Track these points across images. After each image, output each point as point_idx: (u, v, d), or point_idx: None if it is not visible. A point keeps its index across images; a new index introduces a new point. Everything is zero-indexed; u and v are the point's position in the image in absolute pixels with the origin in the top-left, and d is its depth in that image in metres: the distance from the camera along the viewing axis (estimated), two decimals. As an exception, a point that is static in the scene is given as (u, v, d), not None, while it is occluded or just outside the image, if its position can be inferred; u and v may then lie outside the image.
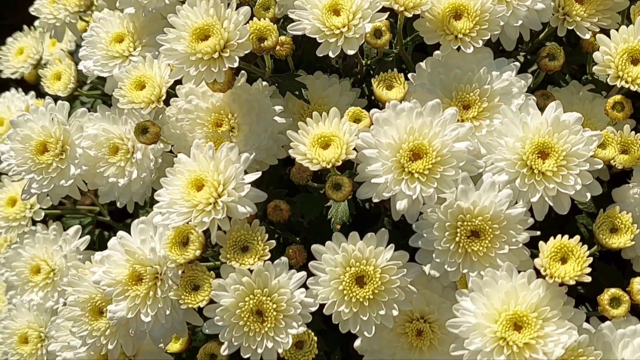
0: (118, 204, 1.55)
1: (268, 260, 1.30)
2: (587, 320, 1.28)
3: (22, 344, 1.66)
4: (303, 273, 1.30)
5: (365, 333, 1.29)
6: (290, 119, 1.47)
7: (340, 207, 1.45)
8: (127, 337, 1.34)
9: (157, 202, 1.33)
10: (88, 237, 1.73)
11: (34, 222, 1.77)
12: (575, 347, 1.21)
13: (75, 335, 1.38)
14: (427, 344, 1.35)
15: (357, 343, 1.40)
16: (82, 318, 1.37)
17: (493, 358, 1.20)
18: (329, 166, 1.30)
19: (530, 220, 1.29)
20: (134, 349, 1.39)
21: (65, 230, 1.73)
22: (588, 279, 1.22)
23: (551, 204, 1.29)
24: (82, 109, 1.57)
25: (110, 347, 1.34)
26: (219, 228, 1.30)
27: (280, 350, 1.28)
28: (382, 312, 1.28)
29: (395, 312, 1.29)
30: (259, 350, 1.28)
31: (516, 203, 1.29)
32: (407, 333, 1.36)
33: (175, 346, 1.51)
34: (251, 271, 1.29)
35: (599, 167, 1.30)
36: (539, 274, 1.25)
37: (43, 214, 1.76)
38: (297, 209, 1.51)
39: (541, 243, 1.25)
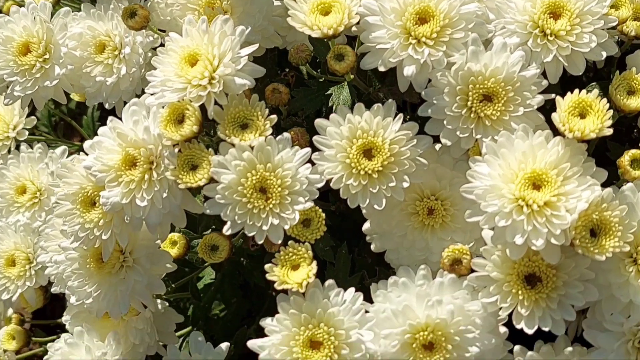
0: (107, 106, 1.47)
1: (270, 135, 1.22)
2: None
3: (9, 267, 1.57)
4: (308, 149, 1.23)
5: (376, 206, 1.22)
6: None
7: (342, 93, 1.38)
8: (121, 226, 1.26)
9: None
10: (76, 155, 1.64)
11: (18, 145, 1.68)
12: (599, 202, 1.14)
13: (67, 232, 1.30)
14: (440, 222, 1.28)
15: (365, 226, 1.33)
16: (73, 211, 1.28)
17: (512, 218, 1.14)
18: (330, 32, 1.23)
19: (544, 83, 1.23)
20: (130, 243, 1.30)
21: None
22: (609, 131, 1.16)
23: (565, 64, 1.23)
24: (65, 8, 1.49)
25: (104, 237, 1.25)
26: (216, 103, 1.23)
27: (286, 227, 1.20)
28: (392, 184, 1.21)
29: (405, 184, 1.22)
30: (264, 227, 1.20)
31: (529, 66, 1.23)
32: (418, 212, 1.29)
33: (172, 251, 1.43)
34: (252, 148, 1.22)
35: (614, 24, 1.24)
36: (556, 134, 1.18)
37: (27, 133, 1.68)
38: (297, 104, 1.45)
39: (558, 98, 1.18)
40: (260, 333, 1.68)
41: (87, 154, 1.28)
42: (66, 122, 1.96)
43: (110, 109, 1.80)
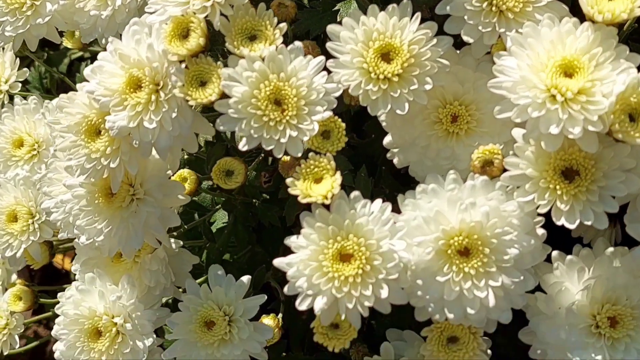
0: (102, 42, 1.40)
1: (281, 44, 1.16)
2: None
3: (11, 223, 1.50)
4: (321, 57, 1.16)
5: (398, 111, 1.15)
6: None
7: (350, 7, 1.32)
8: (130, 153, 1.19)
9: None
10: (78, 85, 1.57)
11: (11, 98, 1.61)
12: (636, 85, 1.08)
13: (72, 167, 1.22)
14: (465, 128, 1.22)
15: (387, 139, 1.26)
16: (77, 143, 1.21)
17: (546, 108, 1.07)
18: None
19: (567, -29, 1.16)
20: (140, 174, 1.23)
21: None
22: (640, 11, 1.10)
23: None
24: (51, -57, 1.42)
25: (112, 165, 1.18)
26: (222, 14, 1.16)
27: (305, 139, 1.13)
28: (414, 87, 1.15)
29: (428, 87, 1.15)
30: (282, 140, 1.13)
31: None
32: (441, 120, 1.23)
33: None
34: (263, 59, 1.15)
35: None
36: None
37: (19, 86, 1.61)
38: (302, 26, 1.38)
39: (583, -16, 1.12)
40: (278, 277, 1.62)
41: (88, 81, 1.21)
42: (59, 82, 1.89)
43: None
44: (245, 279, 1.30)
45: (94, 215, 1.25)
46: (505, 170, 1.14)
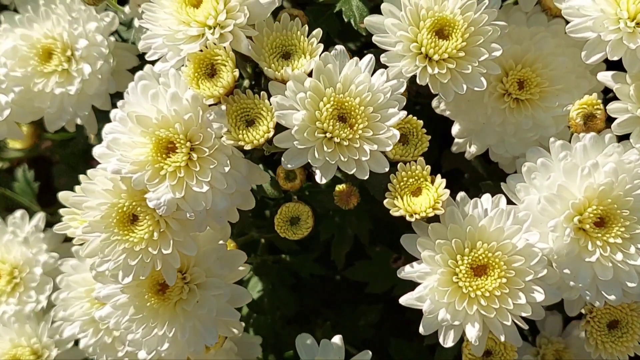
0: (79, 121, 1.17)
1: (322, 53, 0.97)
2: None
3: (16, 373, 1.22)
4: (369, 55, 0.99)
5: (476, 88, 0.99)
6: None
7: (351, 3, 1.16)
8: (182, 232, 0.96)
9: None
10: (42, 213, 1.31)
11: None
12: None
13: (107, 272, 0.98)
14: (537, 91, 1.07)
15: (455, 129, 1.10)
16: (110, 239, 0.96)
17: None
18: None
19: None
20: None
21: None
22: None
23: None
24: (-19, 27, 1.17)
25: (165, 252, 0.95)
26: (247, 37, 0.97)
27: (388, 149, 0.95)
28: (483, 58, 0.99)
29: (497, 53, 1.00)
30: (363, 158, 0.94)
31: None
32: (507, 90, 1.08)
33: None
34: (310, 75, 0.96)
35: None
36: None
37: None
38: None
39: None
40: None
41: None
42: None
43: (44, 169, 1.53)
44: (337, 339, 1.09)
45: (150, 321, 1.00)
46: (610, 119, 1.00)
